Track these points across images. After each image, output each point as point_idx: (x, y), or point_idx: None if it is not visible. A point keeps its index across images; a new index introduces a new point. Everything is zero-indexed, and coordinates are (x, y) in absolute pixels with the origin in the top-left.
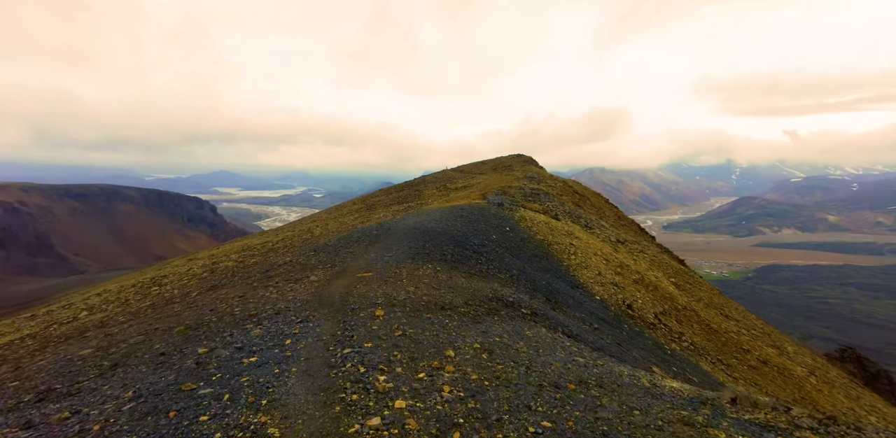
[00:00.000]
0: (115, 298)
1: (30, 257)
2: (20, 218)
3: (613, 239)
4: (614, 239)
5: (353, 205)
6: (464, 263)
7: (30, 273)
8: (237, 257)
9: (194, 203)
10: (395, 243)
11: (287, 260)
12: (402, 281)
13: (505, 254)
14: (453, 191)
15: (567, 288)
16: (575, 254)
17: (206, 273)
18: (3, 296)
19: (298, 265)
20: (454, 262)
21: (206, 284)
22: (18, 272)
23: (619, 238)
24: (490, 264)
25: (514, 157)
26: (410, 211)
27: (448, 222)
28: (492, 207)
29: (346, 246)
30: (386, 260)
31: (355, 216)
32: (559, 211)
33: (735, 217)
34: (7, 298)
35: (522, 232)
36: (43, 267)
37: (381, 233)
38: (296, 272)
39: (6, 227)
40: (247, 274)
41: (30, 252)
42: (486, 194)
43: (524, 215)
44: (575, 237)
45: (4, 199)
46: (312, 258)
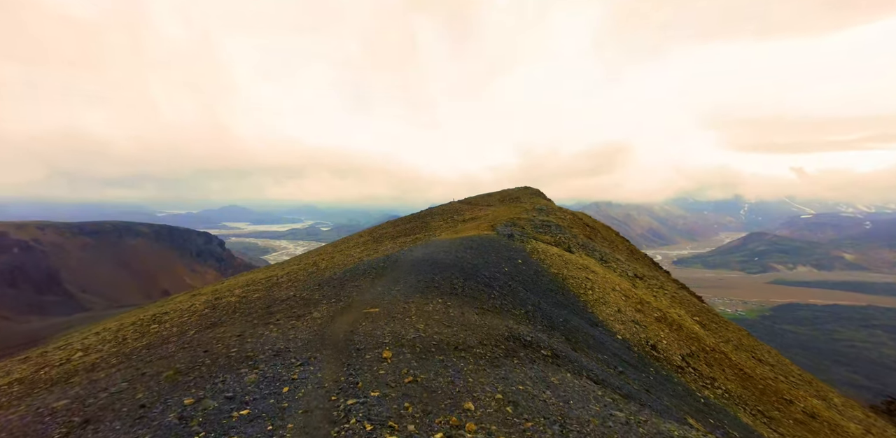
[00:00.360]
0: (112, 337)
1: (38, 295)
2: (33, 255)
3: (631, 274)
4: (631, 273)
5: (360, 238)
6: (476, 297)
7: (37, 311)
8: (240, 292)
9: (203, 238)
10: (403, 276)
11: (290, 295)
12: (410, 317)
13: (518, 288)
14: (461, 223)
15: (586, 326)
16: (592, 289)
17: (208, 309)
18: (7, 336)
19: (302, 300)
20: (465, 296)
21: (206, 321)
22: (26, 310)
23: (636, 272)
24: (504, 299)
25: (522, 189)
26: (418, 242)
27: (457, 254)
28: (502, 239)
29: (352, 280)
30: (393, 295)
31: (362, 248)
32: (572, 243)
33: (747, 253)
34: (12, 337)
35: (535, 265)
36: (50, 305)
37: (389, 266)
38: (298, 307)
39: (19, 265)
40: (248, 311)
41: (39, 289)
42: (495, 225)
43: (536, 247)
44: (591, 271)
45: (21, 237)
46: (317, 292)
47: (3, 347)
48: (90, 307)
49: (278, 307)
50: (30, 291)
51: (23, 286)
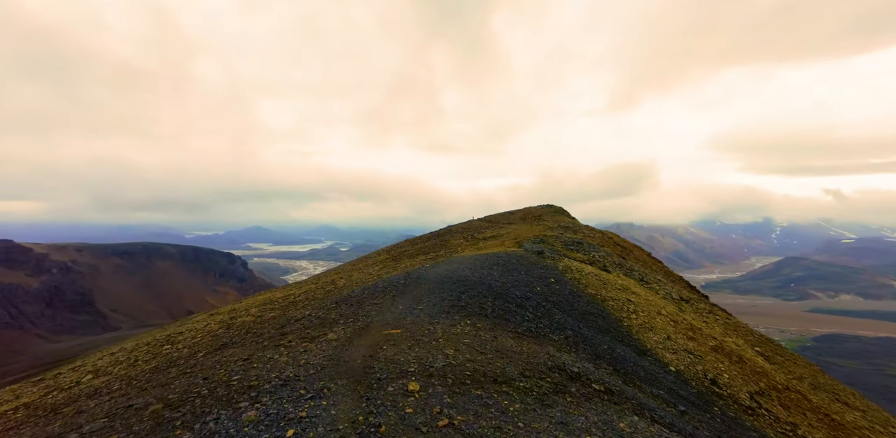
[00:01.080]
0: (125, 359)
1: (72, 314)
2: (70, 276)
3: (676, 297)
4: (676, 296)
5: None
6: (508, 319)
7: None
8: (256, 311)
9: (227, 258)
10: (427, 294)
11: (306, 314)
12: (437, 340)
13: (554, 310)
14: (482, 241)
15: (633, 355)
16: (636, 313)
17: (222, 329)
18: (42, 354)
19: (317, 319)
20: (496, 318)
21: (218, 342)
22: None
23: (681, 295)
24: (539, 321)
25: (544, 207)
26: (439, 260)
27: (484, 271)
28: (531, 256)
29: (371, 298)
30: (417, 315)
31: (380, 266)
32: (607, 262)
33: (781, 278)
34: (46, 355)
35: (570, 285)
36: (82, 325)
37: (410, 283)
38: (313, 328)
39: (57, 285)
40: (260, 331)
41: (73, 309)
42: (521, 242)
43: (570, 265)
44: (632, 292)
45: (60, 259)
46: (333, 311)
47: (36, 365)
48: (119, 326)
49: (292, 327)
50: (65, 311)
51: (59, 306)
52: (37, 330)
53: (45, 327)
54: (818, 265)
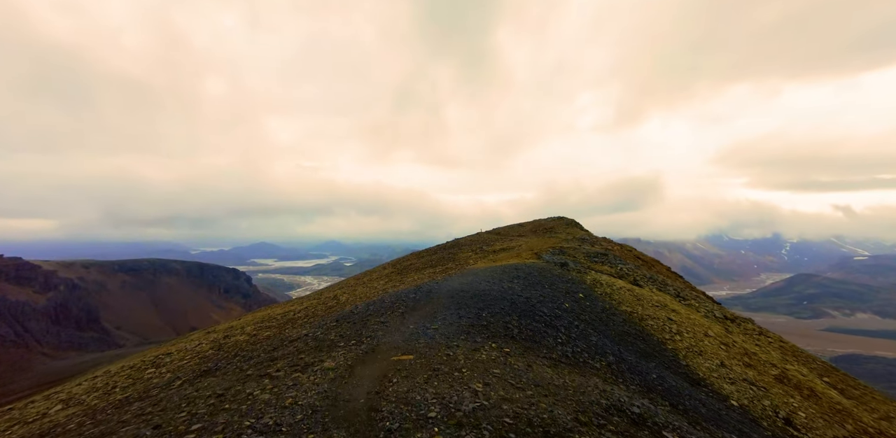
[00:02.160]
0: (102, 385)
1: (78, 331)
2: (77, 293)
3: (719, 315)
4: (720, 314)
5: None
6: (539, 342)
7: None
8: (252, 330)
9: (232, 274)
10: (441, 310)
11: (302, 334)
12: (460, 371)
13: (589, 331)
14: (492, 254)
15: (688, 387)
16: (679, 334)
17: (212, 350)
18: (46, 372)
19: (314, 341)
20: (526, 340)
21: (202, 367)
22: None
23: (724, 313)
24: (574, 344)
25: (556, 219)
26: (449, 273)
27: (504, 284)
28: (554, 268)
29: (377, 315)
30: (431, 336)
31: (385, 280)
32: (637, 275)
33: (794, 296)
34: (50, 373)
35: (601, 301)
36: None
37: (421, 298)
38: (308, 352)
39: (63, 303)
40: (249, 354)
41: (79, 326)
42: (539, 253)
43: (598, 279)
44: (671, 310)
45: (67, 276)
46: (333, 331)
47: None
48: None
49: (285, 350)
50: (70, 328)
51: (64, 323)
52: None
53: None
54: (832, 282)
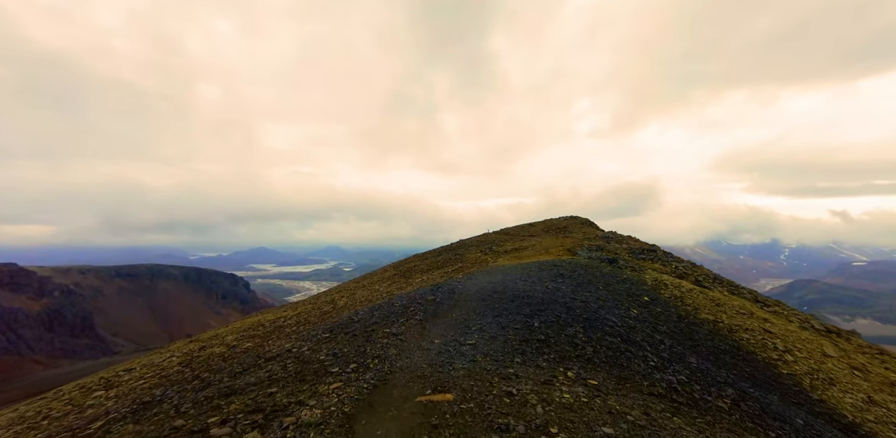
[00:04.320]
0: (46, 409)
1: (72, 338)
2: (72, 299)
3: (819, 327)
4: (819, 326)
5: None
6: (626, 366)
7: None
8: (233, 339)
9: (230, 279)
10: (474, 317)
11: (284, 349)
12: (545, 428)
13: (678, 348)
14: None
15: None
16: (790, 354)
17: (179, 366)
18: (36, 381)
19: (295, 362)
20: (608, 364)
21: (148, 394)
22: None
23: (824, 325)
24: (673, 370)
25: (569, 219)
26: (462, 273)
27: (546, 284)
28: (602, 265)
29: (385, 324)
30: (470, 356)
31: (389, 283)
32: (698, 274)
33: (793, 302)
34: (41, 383)
35: (673, 307)
36: (82, 349)
37: (443, 300)
38: (282, 383)
39: (57, 309)
40: (209, 380)
41: (73, 333)
42: (572, 249)
43: (660, 279)
44: (761, 319)
45: (62, 282)
46: (324, 347)
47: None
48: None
49: (253, 376)
50: (65, 335)
51: (58, 330)
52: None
53: (44, 352)
54: (831, 288)
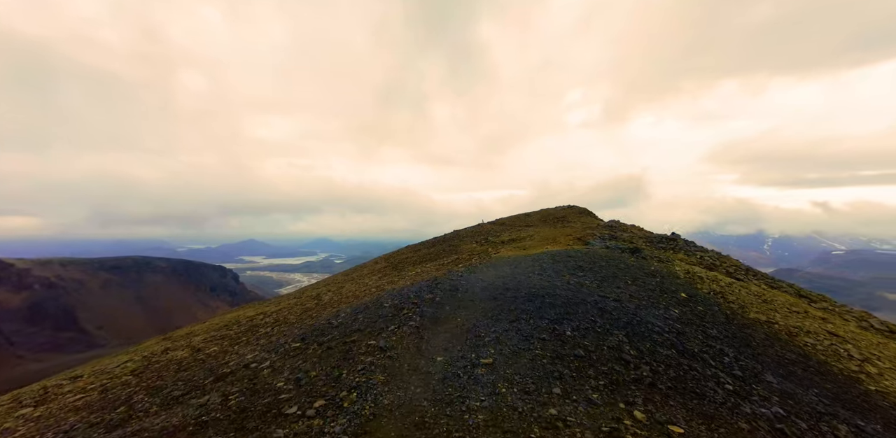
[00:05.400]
0: None
1: (55, 332)
2: (54, 292)
3: (879, 326)
4: (878, 325)
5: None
6: (703, 395)
7: (53, 349)
8: (200, 341)
9: (219, 272)
10: (484, 323)
11: (242, 364)
12: None
13: (744, 361)
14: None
15: None
16: (870, 363)
17: (132, 374)
18: (17, 377)
19: (241, 392)
20: (679, 393)
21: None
22: (42, 348)
23: (883, 324)
24: (760, 397)
25: (566, 208)
26: (458, 266)
27: (566, 278)
28: (623, 256)
29: (369, 332)
30: (490, 386)
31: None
32: (727, 266)
33: None
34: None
35: (716, 305)
36: (65, 342)
37: (443, 299)
38: (221, 428)
39: (39, 302)
40: (127, 415)
41: (56, 327)
42: (582, 238)
43: (693, 271)
44: (819, 319)
45: (43, 274)
46: (288, 363)
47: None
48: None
49: (178, 412)
50: (48, 328)
51: (41, 323)
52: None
53: (26, 346)
54: (814, 277)
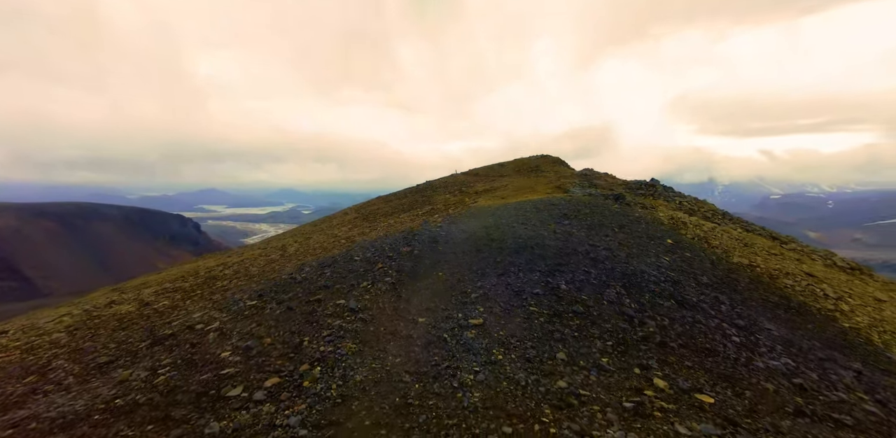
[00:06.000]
0: None
1: None
2: None
3: (841, 264)
4: (841, 263)
5: (345, 216)
6: (714, 351)
7: None
8: (151, 294)
9: (177, 221)
10: (470, 278)
11: (186, 325)
12: None
13: (739, 307)
14: (476, 196)
15: None
16: (843, 301)
17: (66, 330)
18: None
19: (177, 364)
20: (692, 350)
21: None
22: None
23: (844, 261)
24: (768, 348)
25: (540, 158)
26: (434, 216)
27: (552, 227)
28: (608, 203)
29: (338, 289)
30: (484, 354)
31: (349, 227)
32: (706, 210)
33: None
34: None
35: (701, 251)
36: (6, 291)
37: (422, 251)
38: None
39: None
40: (54, 379)
41: None
42: (561, 186)
43: (677, 217)
44: (794, 260)
45: None
46: (239, 325)
47: None
48: (49, 293)
49: (78, 400)
50: None
51: None
52: None
53: None
54: (754, 220)
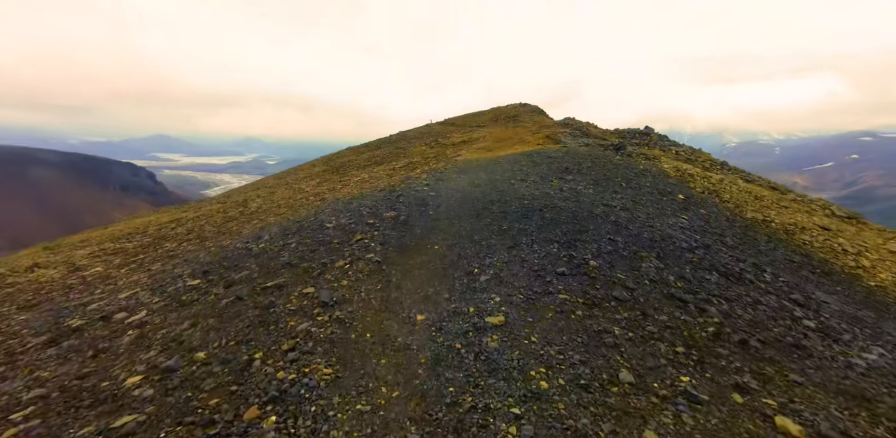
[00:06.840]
0: None
1: None
2: None
3: (837, 213)
4: (840, 213)
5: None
6: (797, 344)
7: None
8: (86, 255)
9: (129, 169)
10: (474, 252)
11: (102, 314)
12: None
13: (784, 276)
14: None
15: None
16: (864, 257)
17: None
18: None
19: (51, 404)
20: (785, 354)
21: None
22: None
23: (842, 211)
24: (843, 334)
25: (519, 106)
26: (416, 171)
27: (556, 184)
28: (607, 154)
29: (306, 269)
30: (515, 377)
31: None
32: (703, 160)
33: None
34: None
35: (713, 206)
36: None
37: (412, 218)
38: None
39: None
40: None
41: None
42: (551, 136)
43: (682, 169)
44: (805, 213)
45: None
46: (167, 324)
47: None
48: None
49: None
50: None
51: None
52: None
53: None
54: None
